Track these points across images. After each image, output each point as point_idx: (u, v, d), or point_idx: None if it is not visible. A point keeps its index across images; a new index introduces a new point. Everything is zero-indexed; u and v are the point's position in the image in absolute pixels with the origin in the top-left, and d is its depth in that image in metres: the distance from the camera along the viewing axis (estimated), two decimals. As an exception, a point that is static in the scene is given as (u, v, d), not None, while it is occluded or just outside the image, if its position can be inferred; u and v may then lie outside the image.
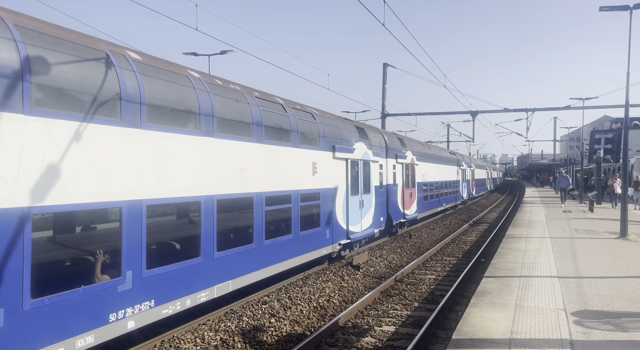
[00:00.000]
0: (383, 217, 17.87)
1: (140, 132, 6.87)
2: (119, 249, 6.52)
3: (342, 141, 14.01)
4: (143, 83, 7.00)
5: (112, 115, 6.49)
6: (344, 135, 14.24)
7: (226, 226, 8.83)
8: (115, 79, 6.58)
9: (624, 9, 14.39)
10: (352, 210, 14.60)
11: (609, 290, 8.04)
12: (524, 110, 32.00)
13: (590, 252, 11.75)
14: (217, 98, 8.63)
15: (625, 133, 15.85)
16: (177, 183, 7.55)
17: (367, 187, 15.99)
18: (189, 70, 8.42)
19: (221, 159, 8.61)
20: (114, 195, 6.41)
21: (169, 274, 7.33)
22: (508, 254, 11.53)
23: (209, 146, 8.26)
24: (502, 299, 7.53)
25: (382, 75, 33.34)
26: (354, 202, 14.86)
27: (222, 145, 8.65)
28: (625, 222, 14.46)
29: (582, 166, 37.07)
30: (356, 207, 15.04)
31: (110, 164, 6.38)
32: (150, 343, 7.62)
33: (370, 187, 16.36)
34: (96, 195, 6.17)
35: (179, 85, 7.81)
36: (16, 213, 5.21)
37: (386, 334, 8.58)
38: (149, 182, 6.99)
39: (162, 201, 7.21)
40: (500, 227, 23.56)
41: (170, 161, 7.41)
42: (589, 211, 23.69)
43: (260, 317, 8.99)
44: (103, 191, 6.26)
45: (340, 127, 14.21)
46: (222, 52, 26.91)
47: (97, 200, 6.18)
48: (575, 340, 5.69)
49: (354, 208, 14.85)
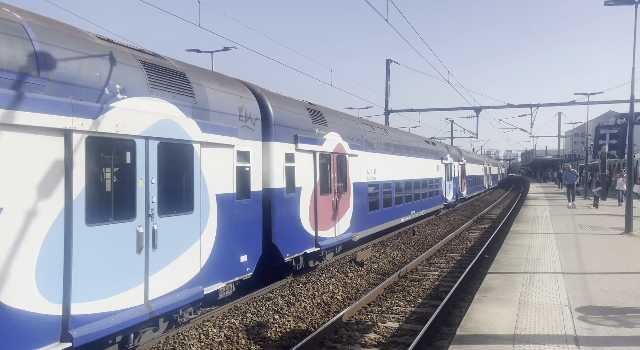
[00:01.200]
0: (248, 251, 9.39)
1: None
2: None
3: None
4: None
5: None
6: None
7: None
8: None
9: (629, 3, 14.30)
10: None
11: (613, 286, 8.01)
12: (528, 106, 31.93)
13: (595, 248, 11.70)
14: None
15: (630, 128, 15.77)
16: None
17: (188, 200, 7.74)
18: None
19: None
20: None
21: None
22: (512, 250, 11.50)
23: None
24: (506, 295, 7.52)
25: (385, 71, 33.29)
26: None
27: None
28: (630, 217, 14.40)
29: (586, 162, 36.94)
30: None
31: None
32: (155, 339, 7.65)
33: (195, 199, 7.86)
34: None
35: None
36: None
37: (390, 330, 8.59)
38: None
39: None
40: (505, 223, 23.52)
41: None
42: (594, 207, 23.62)
43: (264, 314, 9.01)
44: None
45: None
46: (225, 48, 26.95)
47: None
48: (579, 336, 5.67)
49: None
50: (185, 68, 8.22)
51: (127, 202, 6.58)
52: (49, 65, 5.58)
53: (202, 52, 27.74)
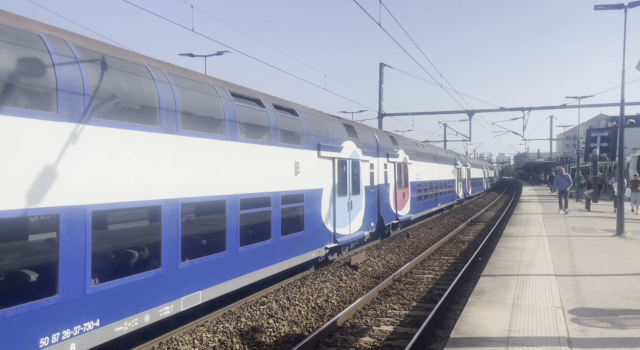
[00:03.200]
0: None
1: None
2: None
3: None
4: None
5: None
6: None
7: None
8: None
9: (618, 8, 14.45)
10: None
11: (605, 288, 8.07)
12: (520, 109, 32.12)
13: (587, 250, 11.79)
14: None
15: (620, 131, 15.91)
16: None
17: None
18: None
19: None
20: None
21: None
22: (505, 253, 11.56)
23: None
24: (499, 297, 7.55)
25: (379, 75, 33.39)
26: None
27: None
28: (621, 219, 14.51)
29: (578, 164, 37.20)
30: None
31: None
32: (148, 345, 7.61)
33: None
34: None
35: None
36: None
37: (385, 333, 8.59)
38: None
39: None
40: (498, 225, 23.62)
41: None
42: (586, 209, 23.79)
43: (259, 318, 8.99)
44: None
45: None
46: (218, 52, 26.89)
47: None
48: (572, 338, 5.71)
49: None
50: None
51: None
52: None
53: (196, 56, 27.65)
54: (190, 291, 7.93)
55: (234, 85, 10.07)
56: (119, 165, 6.68)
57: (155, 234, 7.30)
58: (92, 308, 6.22)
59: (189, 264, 7.93)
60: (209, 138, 8.58)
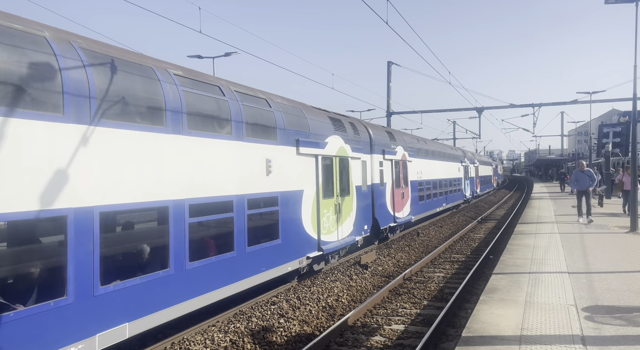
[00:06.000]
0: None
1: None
2: None
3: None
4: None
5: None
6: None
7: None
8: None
9: (630, 1, 14.24)
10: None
11: (620, 285, 7.97)
12: (531, 106, 31.80)
13: (601, 247, 11.64)
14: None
15: (633, 126, 15.69)
16: None
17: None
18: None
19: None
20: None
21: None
22: (517, 251, 11.46)
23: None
24: (511, 295, 7.48)
25: (387, 73, 33.28)
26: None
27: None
28: (635, 216, 14.32)
29: (590, 160, 36.83)
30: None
31: None
32: (160, 345, 7.65)
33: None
34: None
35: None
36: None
37: (396, 332, 8.56)
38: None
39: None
40: (509, 223, 23.43)
41: None
42: (599, 206, 23.52)
43: (269, 318, 9.00)
44: None
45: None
46: (226, 54, 27.00)
47: None
48: (586, 336, 5.64)
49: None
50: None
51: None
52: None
53: (204, 58, 27.78)
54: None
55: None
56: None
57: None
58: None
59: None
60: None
